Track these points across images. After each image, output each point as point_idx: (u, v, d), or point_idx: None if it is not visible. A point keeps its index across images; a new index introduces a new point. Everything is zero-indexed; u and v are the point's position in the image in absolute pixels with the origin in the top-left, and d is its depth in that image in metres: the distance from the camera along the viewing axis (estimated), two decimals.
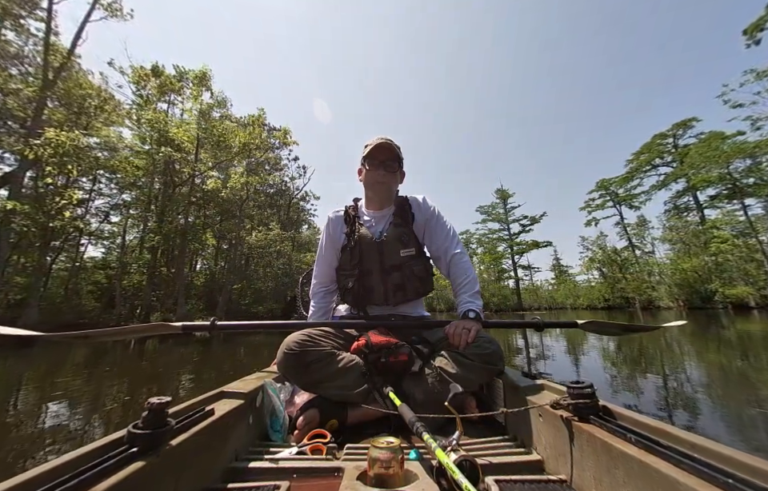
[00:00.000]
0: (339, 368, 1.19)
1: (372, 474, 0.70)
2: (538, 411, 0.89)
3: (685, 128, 27.74)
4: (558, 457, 0.80)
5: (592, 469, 0.68)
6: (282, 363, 1.21)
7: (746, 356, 4.64)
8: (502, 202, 41.61)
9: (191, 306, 15.32)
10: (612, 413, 0.72)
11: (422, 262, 1.47)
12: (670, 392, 2.94)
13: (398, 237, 1.45)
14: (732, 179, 22.34)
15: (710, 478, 0.47)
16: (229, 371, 4.23)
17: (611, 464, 0.63)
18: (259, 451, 0.96)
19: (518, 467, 0.83)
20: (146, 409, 0.62)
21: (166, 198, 15.12)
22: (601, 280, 33.10)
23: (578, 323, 1.47)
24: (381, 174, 1.49)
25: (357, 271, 1.45)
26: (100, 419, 2.49)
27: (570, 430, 0.76)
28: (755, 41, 17.21)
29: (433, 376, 1.19)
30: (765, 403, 2.52)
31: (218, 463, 0.81)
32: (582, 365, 4.20)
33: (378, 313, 1.48)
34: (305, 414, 1.12)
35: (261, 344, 7.27)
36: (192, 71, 17.12)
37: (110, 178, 17.51)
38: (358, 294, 1.45)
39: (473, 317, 1.30)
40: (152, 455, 0.59)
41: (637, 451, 0.58)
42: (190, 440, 0.69)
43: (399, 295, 1.43)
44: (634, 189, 32.01)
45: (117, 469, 0.53)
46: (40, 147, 9.62)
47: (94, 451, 0.56)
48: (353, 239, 1.49)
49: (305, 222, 29.41)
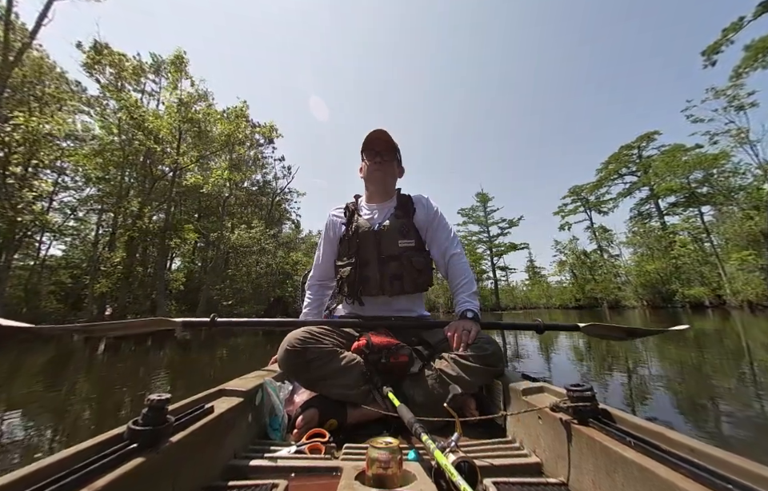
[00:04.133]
0: (341, 366, 1.19)
1: (370, 474, 0.70)
2: (537, 413, 0.89)
3: (648, 140, 29.89)
4: (557, 459, 0.80)
5: (591, 473, 0.68)
6: (283, 360, 1.20)
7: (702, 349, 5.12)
8: (482, 205, 42.84)
9: (171, 307, 14.50)
10: (611, 416, 0.72)
11: (421, 255, 1.47)
12: (654, 386, 3.22)
13: (397, 227, 1.45)
14: (690, 188, 24.36)
15: (708, 483, 0.47)
16: (198, 385, 3.69)
17: (610, 467, 0.63)
18: (258, 449, 0.95)
19: (516, 469, 0.83)
20: (145, 406, 0.62)
21: (144, 193, 14.20)
22: (572, 281, 34.89)
23: (579, 326, 1.46)
24: (377, 163, 1.52)
25: (354, 260, 1.44)
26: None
27: (569, 433, 0.76)
28: (711, 63, 18.95)
29: (433, 378, 1.19)
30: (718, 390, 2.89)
31: (217, 461, 0.81)
32: (560, 365, 4.38)
33: (374, 304, 1.47)
34: (304, 413, 1.12)
35: (242, 348, 6.98)
36: (167, 57, 16.22)
37: (75, 170, 16.27)
38: (354, 283, 1.44)
39: (471, 317, 1.31)
40: (151, 452, 0.59)
41: (636, 455, 0.58)
42: (189, 437, 0.69)
43: (396, 285, 1.41)
44: (604, 196, 34.06)
45: (116, 464, 0.53)
46: (7, 134, 8.71)
47: (93, 447, 0.56)
48: (351, 229, 1.50)
49: (288, 221, 28.76)
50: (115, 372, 4.67)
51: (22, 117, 9.91)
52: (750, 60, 17.77)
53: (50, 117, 12.25)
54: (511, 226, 41.65)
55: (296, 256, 20.91)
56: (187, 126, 14.64)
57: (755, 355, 4.56)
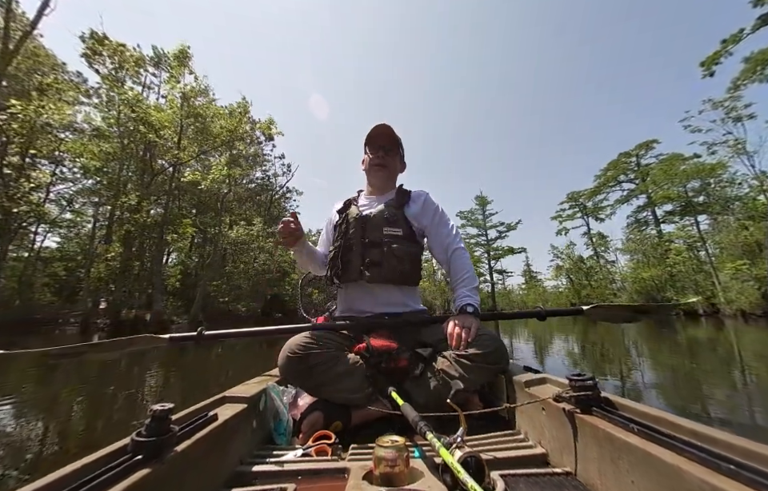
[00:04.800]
0: (343, 370, 1.18)
1: (378, 473, 0.70)
2: (540, 404, 0.90)
3: (647, 148, 30.11)
4: (562, 449, 0.80)
5: (596, 460, 0.69)
6: (284, 367, 1.19)
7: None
8: (481, 208, 42.93)
9: (167, 303, 14.40)
10: (613, 403, 0.73)
11: (405, 245, 1.43)
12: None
13: (383, 214, 1.45)
14: (687, 197, 24.57)
15: (711, 465, 0.48)
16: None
17: (615, 454, 0.63)
18: (264, 454, 0.95)
19: (522, 461, 0.83)
20: (149, 417, 0.62)
21: (143, 187, 14.11)
22: (568, 286, 35.05)
23: (583, 309, 1.43)
24: (380, 157, 1.55)
25: (339, 243, 1.47)
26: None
27: (573, 422, 0.76)
28: (710, 74, 19.14)
29: (435, 379, 1.18)
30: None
31: (223, 468, 0.81)
32: (553, 354, 4.39)
33: (358, 292, 1.47)
34: (308, 417, 1.12)
35: (235, 346, 6.91)
36: (171, 51, 16.16)
37: (73, 161, 16.12)
38: (336, 266, 1.45)
39: (471, 311, 1.29)
40: (156, 462, 0.59)
41: (639, 440, 0.59)
42: (193, 446, 0.69)
43: (374, 271, 1.38)
44: (601, 202, 34.25)
45: (122, 477, 0.53)
46: (4, 122, 8.62)
47: (98, 460, 0.56)
48: (343, 216, 1.55)
49: None
50: (107, 368, 4.60)
51: (20, 105, 9.80)
52: (749, 72, 17.95)
53: (49, 107, 12.19)
54: (509, 230, 41.75)
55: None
56: (189, 121, 14.56)
57: (747, 363, 4.61)
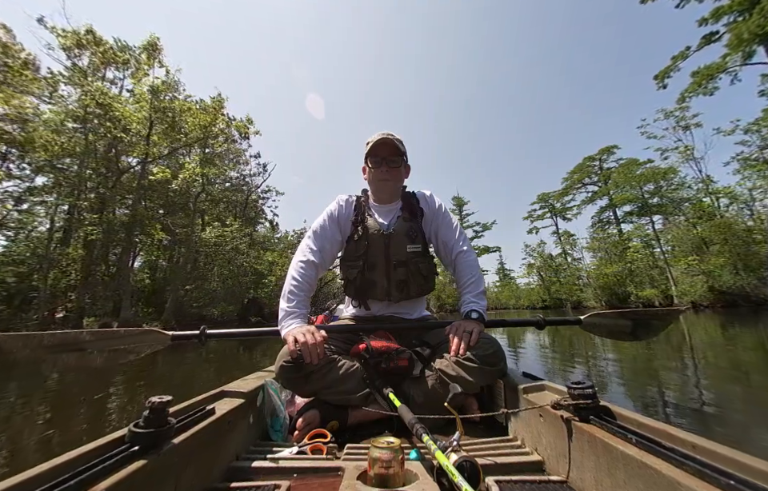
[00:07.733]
0: (339, 375, 1.17)
1: (372, 474, 0.70)
2: (538, 411, 0.89)
3: (608, 153, 32.32)
4: (559, 457, 0.80)
5: (592, 470, 0.68)
6: (280, 374, 1.15)
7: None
8: (458, 209, 44.05)
9: (137, 310, 13.46)
10: (612, 413, 0.72)
11: (427, 260, 1.46)
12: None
13: (405, 231, 1.41)
14: (643, 199, 26.65)
15: (710, 479, 0.47)
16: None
17: (612, 464, 0.62)
18: (260, 450, 0.95)
19: (518, 467, 0.83)
20: (146, 408, 0.62)
21: (108, 186, 13.10)
22: (539, 283, 36.82)
23: (581, 320, 1.41)
24: (384, 171, 1.45)
25: (361, 262, 1.40)
26: None
27: (570, 431, 0.76)
28: (663, 86, 20.94)
29: (433, 378, 1.19)
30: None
31: (219, 462, 0.81)
32: (549, 359, 4.64)
33: (379, 308, 1.46)
34: (305, 415, 1.12)
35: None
36: (140, 43, 15.17)
37: (21, 156, 14.62)
38: (360, 287, 1.42)
39: (475, 317, 1.28)
40: (153, 454, 0.59)
41: (637, 452, 0.58)
42: (190, 439, 0.69)
43: (402, 291, 1.40)
44: (569, 203, 36.35)
45: (118, 467, 0.54)
46: None
47: (95, 450, 0.56)
48: (360, 229, 1.44)
49: (263, 220, 27.74)
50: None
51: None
52: (695, 85, 19.78)
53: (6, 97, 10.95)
54: (485, 230, 43.29)
55: (271, 256, 20.23)
56: (159, 115, 13.71)
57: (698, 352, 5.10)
